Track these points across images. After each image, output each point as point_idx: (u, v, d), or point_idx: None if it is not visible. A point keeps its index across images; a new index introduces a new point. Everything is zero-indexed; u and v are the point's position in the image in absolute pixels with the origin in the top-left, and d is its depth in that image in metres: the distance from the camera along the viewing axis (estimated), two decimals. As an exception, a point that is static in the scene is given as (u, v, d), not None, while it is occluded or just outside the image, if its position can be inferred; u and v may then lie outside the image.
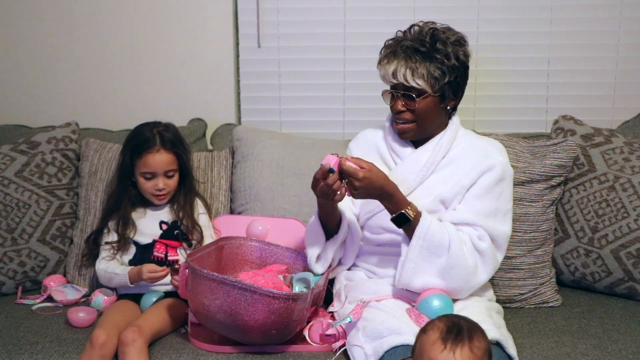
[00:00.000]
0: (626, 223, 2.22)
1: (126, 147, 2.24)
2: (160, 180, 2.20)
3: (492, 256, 1.95)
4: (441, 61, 1.94)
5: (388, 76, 1.98)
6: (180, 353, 1.90)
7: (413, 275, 1.91)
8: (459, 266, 1.89)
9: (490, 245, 1.94)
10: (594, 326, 2.08)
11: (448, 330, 1.53)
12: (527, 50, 2.69)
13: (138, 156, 2.19)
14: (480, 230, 1.94)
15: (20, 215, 2.35)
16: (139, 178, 2.21)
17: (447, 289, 1.91)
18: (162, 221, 2.23)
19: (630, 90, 2.70)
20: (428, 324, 1.59)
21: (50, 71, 2.79)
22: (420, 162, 2.01)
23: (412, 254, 1.89)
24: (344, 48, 2.73)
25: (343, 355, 1.86)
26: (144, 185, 2.21)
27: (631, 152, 2.31)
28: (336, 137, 2.66)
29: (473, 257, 1.91)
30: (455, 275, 1.89)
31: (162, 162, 2.19)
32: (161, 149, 2.19)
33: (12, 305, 2.26)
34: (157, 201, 2.23)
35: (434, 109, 1.99)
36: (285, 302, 1.79)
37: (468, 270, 1.90)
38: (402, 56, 1.95)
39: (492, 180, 1.97)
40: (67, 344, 1.95)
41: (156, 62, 2.76)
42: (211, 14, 2.73)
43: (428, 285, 1.91)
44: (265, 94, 2.79)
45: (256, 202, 2.38)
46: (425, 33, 1.98)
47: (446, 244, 1.89)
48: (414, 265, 1.90)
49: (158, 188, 2.20)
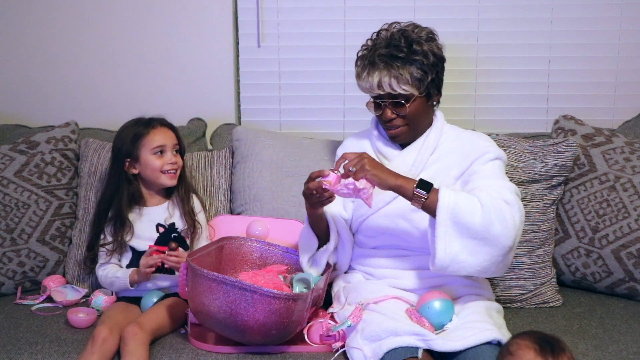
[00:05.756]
0: (627, 223, 2.22)
1: (124, 133, 2.21)
2: (170, 154, 2.18)
3: (519, 206, 1.86)
4: (421, 61, 1.94)
5: (373, 88, 1.96)
6: (180, 353, 1.89)
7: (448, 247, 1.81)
8: (498, 219, 1.80)
9: (513, 195, 1.87)
10: (595, 326, 2.08)
11: (541, 347, 1.50)
12: (528, 50, 2.69)
13: (141, 136, 2.17)
14: (495, 188, 1.87)
15: (20, 215, 2.35)
16: (149, 157, 2.17)
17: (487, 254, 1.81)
18: (158, 224, 2.20)
19: (630, 89, 2.70)
20: (510, 347, 1.54)
21: (50, 71, 2.78)
22: (408, 162, 2.01)
23: (441, 229, 1.80)
24: (344, 48, 2.73)
25: (342, 356, 1.86)
26: (155, 163, 2.17)
27: (632, 152, 2.30)
28: (336, 137, 2.66)
29: (506, 207, 1.82)
30: (496, 230, 1.79)
31: (169, 135, 2.20)
32: (163, 126, 2.22)
33: (11, 306, 2.26)
34: (169, 180, 2.19)
35: (423, 109, 2.00)
36: (285, 303, 1.78)
37: (507, 222, 1.80)
38: (382, 66, 1.94)
39: (487, 159, 1.97)
40: (66, 344, 1.95)
41: (156, 61, 2.76)
42: (211, 14, 2.72)
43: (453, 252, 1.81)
44: (265, 93, 2.79)
45: (256, 202, 2.38)
46: (398, 37, 1.96)
47: (475, 200, 1.81)
48: (444, 238, 1.80)
49: (172, 162, 2.18)
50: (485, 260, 1.82)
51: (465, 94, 2.74)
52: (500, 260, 1.84)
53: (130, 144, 2.18)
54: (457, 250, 1.81)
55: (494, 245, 1.81)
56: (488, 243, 1.81)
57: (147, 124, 2.21)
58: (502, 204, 1.82)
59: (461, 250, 1.81)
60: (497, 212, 1.80)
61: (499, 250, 1.81)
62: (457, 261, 1.82)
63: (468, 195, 1.83)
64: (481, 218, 1.79)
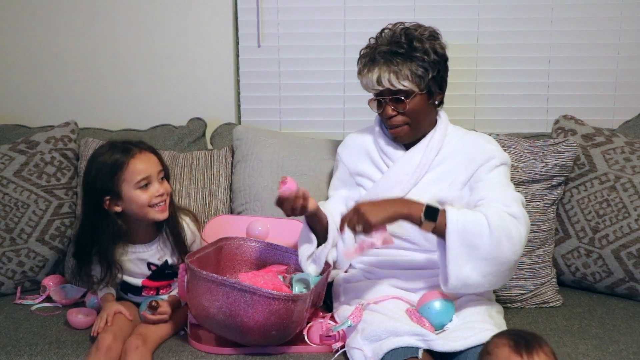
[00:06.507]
0: (627, 223, 2.22)
1: (97, 166, 1.93)
2: (157, 185, 1.94)
3: (525, 218, 1.86)
4: (421, 58, 1.94)
5: (372, 84, 1.97)
6: (180, 355, 1.89)
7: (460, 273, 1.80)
8: (506, 237, 1.80)
9: (519, 207, 1.87)
10: (595, 326, 2.08)
11: (516, 343, 1.51)
12: (528, 50, 2.69)
13: (120, 169, 1.90)
14: (501, 199, 1.87)
15: (19, 215, 2.35)
16: (133, 193, 1.91)
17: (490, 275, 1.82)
18: (150, 262, 2.04)
19: (631, 90, 2.70)
20: (488, 346, 1.56)
21: (50, 71, 2.78)
22: (414, 163, 2.01)
23: (453, 253, 1.79)
24: (344, 48, 2.73)
25: (342, 356, 1.85)
26: (141, 198, 1.91)
27: (632, 152, 2.30)
28: (336, 137, 2.65)
29: (513, 223, 1.82)
30: (505, 249, 1.80)
31: (152, 162, 1.95)
32: (143, 151, 1.95)
33: (11, 306, 2.25)
34: (160, 214, 1.96)
35: (424, 107, 1.99)
36: (285, 303, 1.78)
37: (514, 240, 1.81)
38: (382, 62, 1.94)
39: (493, 165, 1.97)
40: (66, 346, 1.94)
41: (156, 61, 2.76)
42: (211, 14, 2.72)
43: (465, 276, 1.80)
44: (265, 93, 2.79)
45: (256, 201, 2.38)
46: (399, 34, 1.97)
47: (483, 219, 1.80)
48: (456, 262, 1.79)
49: (159, 193, 1.94)
50: (495, 277, 1.84)
51: (465, 94, 2.74)
52: (507, 274, 1.86)
53: (108, 179, 1.90)
54: (468, 274, 1.81)
55: (502, 262, 1.82)
56: (497, 262, 1.82)
57: (125, 152, 1.91)
58: (508, 221, 1.82)
59: (471, 272, 1.81)
60: (505, 229, 1.80)
61: (507, 265, 1.83)
62: (468, 284, 1.83)
63: (475, 215, 1.82)
64: (489, 238, 1.79)
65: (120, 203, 1.94)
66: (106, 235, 1.96)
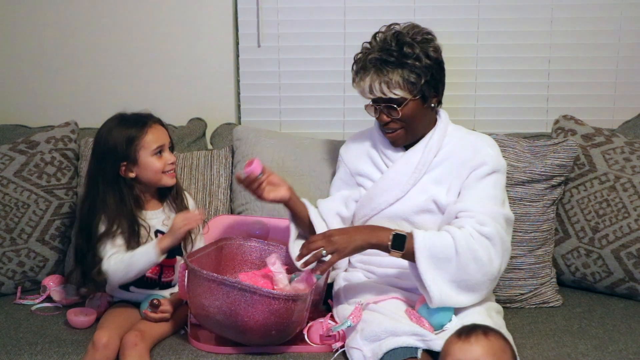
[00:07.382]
0: (627, 223, 2.22)
1: (114, 135, 2.04)
2: (168, 153, 2.09)
3: (500, 238, 1.88)
4: (413, 65, 1.91)
5: (365, 92, 1.97)
6: (180, 354, 1.89)
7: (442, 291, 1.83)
8: (473, 259, 1.83)
9: (495, 226, 1.87)
10: (595, 326, 2.08)
11: (459, 332, 1.57)
12: (528, 50, 2.69)
13: (138, 138, 2.04)
14: (479, 215, 1.88)
15: (19, 215, 2.35)
16: (149, 159, 2.04)
17: (468, 292, 1.86)
18: (157, 230, 2.10)
19: (631, 90, 2.70)
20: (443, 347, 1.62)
21: (50, 71, 2.78)
22: (412, 164, 2.01)
23: (424, 268, 1.83)
24: (344, 48, 2.73)
25: (342, 356, 1.86)
26: (156, 165, 2.05)
27: (632, 152, 2.30)
28: (336, 137, 2.66)
29: (482, 245, 1.85)
30: (472, 270, 1.84)
31: (165, 134, 2.10)
32: (157, 123, 2.10)
33: (11, 306, 2.25)
34: (171, 179, 2.09)
35: (418, 112, 1.98)
36: (285, 303, 1.78)
37: (482, 261, 1.84)
38: (372, 70, 1.93)
39: (484, 173, 1.96)
40: (66, 345, 1.94)
41: (156, 61, 2.76)
42: (211, 14, 2.72)
43: (446, 294, 1.84)
44: (265, 93, 2.79)
45: (256, 202, 2.37)
46: (390, 40, 1.95)
47: (450, 242, 1.84)
48: (434, 283, 1.83)
49: (171, 161, 2.08)
50: (475, 293, 1.87)
51: (465, 94, 2.74)
52: (487, 286, 1.89)
53: (126, 146, 2.03)
54: (448, 292, 1.84)
55: (473, 284, 1.86)
56: (467, 284, 1.85)
57: (142, 124, 2.07)
58: (477, 243, 1.84)
59: (451, 290, 1.85)
60: (471, 252, 1.83)
61: (482, 284, 1.87)
62: (452, 302, 1.86)
63: (442, 238, 1.85)
64: (456, 261, 1.83)
65: (135, 169, 2.06)
66: (127, 201, 2.06)
